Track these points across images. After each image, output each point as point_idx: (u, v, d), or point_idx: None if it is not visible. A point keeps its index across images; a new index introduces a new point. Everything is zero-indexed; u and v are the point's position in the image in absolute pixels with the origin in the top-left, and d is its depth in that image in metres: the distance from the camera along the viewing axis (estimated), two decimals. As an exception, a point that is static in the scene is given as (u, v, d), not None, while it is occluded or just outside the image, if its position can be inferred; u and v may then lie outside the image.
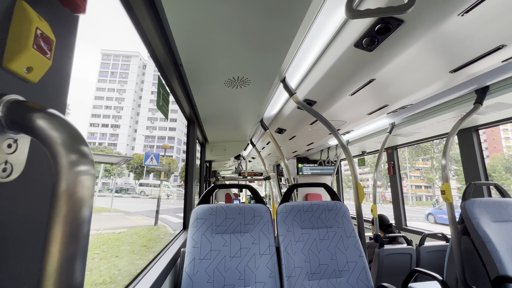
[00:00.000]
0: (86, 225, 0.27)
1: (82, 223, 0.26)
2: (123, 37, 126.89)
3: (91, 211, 0.28)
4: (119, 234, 6.80)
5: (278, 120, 2.42)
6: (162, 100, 1.24)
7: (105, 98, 47.64)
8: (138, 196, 21.82)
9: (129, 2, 0.78)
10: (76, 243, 0.25)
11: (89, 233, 0.28)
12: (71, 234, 0.24)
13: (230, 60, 1.20)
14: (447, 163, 1.58)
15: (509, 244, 1.40)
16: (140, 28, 0.90)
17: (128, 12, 0.82)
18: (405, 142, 3.07)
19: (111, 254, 5.12)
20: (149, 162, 8.00)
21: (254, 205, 1.31)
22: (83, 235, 0.26)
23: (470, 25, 0.98)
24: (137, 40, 11.84)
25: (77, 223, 0.25)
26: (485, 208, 1.51)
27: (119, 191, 24.99)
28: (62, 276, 0.23)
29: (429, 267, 2.02)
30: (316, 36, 1.14)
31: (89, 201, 0.27)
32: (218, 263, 1.13)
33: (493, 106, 1.76)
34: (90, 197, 0.27)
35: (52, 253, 0.23)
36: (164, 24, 0.95)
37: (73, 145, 0.27)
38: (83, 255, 0.26)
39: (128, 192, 25.90)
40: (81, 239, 0.26)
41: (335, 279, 1.16)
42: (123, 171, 34.32)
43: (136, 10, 0.82)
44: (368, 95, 1.69)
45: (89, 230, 0.27)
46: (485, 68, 1.35)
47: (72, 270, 0.24)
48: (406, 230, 3.02)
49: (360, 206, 1.35)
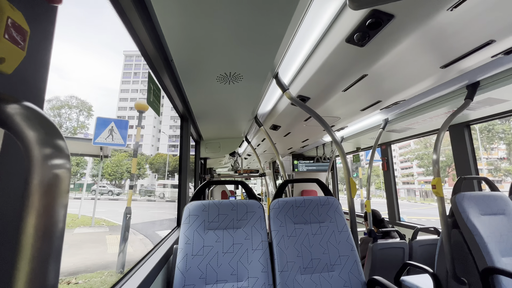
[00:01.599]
0: (61, 223, 0.26)
1: (57, 221, 0.25)
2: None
3: (66, 208, 0.27)
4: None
5: (272, 117, 2.42)
6: (153, 96, 1.22)
7: (129, 99, 48.24)
8: (154, 199, 21.09)
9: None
10: (50, 242, 0.24)
11: (64, 231, 0.27)
12: (44, 233, 0.24)
13: (222, 56, 1.19)
14: (438, 158, 1.60)
15: (497, 237, 1.43)
16: (128, 23, 0.89)
17: (114, 6, 0.80)
18: (399, 138, 3.10)
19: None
20: (104, 139, 4.79)
21: (246, 201, 1.31)
22: (58, 234, 0.25)
23: (459, 20, 0.99)
24: (125, 35, 11.47)
25: (51, 221, 0.24)
26: (474, 201, 1.53)
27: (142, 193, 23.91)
28: (34, 277, 0.22)
29: (421, 260, 2.05)
30: (308, 31, 1.13)
31: (64, 197, 0.27)
32: (210, 259, 1.13)
33: (483, 102, 1.79)
34: (65, 193, 0.27)
35: (24, 253, 0.22)
36: (153, 18, 0.93)
37: (47, 138, 0.26)
38: (57, 255, 0.25)
39: (150, 194, 25.01)
40: (55, 238, 0.25)
41: (327, 273, 1.18)
42: (145, 172, 33.69)
43: (122, 4, 0.80)
44: (361, 91, 1.69)
45: (64, 228, 0.27)
46: (475, 63, 1.36)
47: (46, 271, 0.23)
48: (399, 225, 3.06)
49: (353, 201, 1.36)
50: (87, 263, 4.66)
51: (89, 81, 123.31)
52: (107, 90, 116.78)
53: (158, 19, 0.90)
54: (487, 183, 1.76)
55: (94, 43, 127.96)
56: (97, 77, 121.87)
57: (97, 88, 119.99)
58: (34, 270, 0.22)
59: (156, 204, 18.22)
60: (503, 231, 1.46)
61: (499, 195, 1.60)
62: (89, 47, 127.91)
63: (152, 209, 15.02)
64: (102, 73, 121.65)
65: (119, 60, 38.67)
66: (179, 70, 1.32)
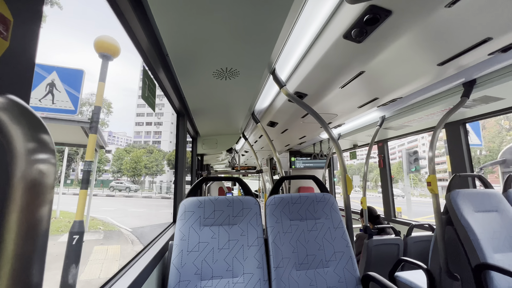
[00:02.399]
0: (45, 220, 0.25)
1: (41, 218, 0.24)
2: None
3: (51, 205, 0.26)
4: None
5: (269, 113, 2.41)
6: (148, 91, 1.21)
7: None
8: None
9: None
10: (34, 240, 0.23)
11: (49, 229, 0.26)
12: (28, 230, 0.23)
13: (218, 51, 1.17)
14: (434, 155, 1.61)
15: (490, 233, 1.45)
16: (122, 16, 0.87)
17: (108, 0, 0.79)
18: (395, 135, 3.11)
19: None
20: (39, 100, 2.92)
21: (242, 197, 1.31)
22: (42, 231, 0.24)
23: (457, 17, 0.98)
24: (119, 29, 10.95)
25: (35, 218, 0.24)
26: (468, 198, 1.55)
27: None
28: (17, 276, 0.21)
29: (416, 256, 2.08)
30: (305, 27, 1.12)
31: (49, 193, 0.26)
32: (206, 255, 1.13)
33: (479, 100, 1.79)
34: (50, 189, 0.26)
35: (7, 251, 0.21)
36: (147, 12, 0.92)
37: (31, 133, 0.25)
38: (42, 254, 0.24)
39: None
40: (39, 235, 0.24)
41: (322, 269, 1.18)
42: (163, 168, 33.15)
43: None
44: (358, 87, 1.69)
45: (48, 227, 0.26)
46: (472, 61, 1.36)
47: (29, 270, 0.22)
48: (394, 222, 3.09)
49: (349, 197, 1.37)
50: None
51: (114, 83, 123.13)
52: (130, 91, 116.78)
53: (153, 12, 0.89)
54: (481, 181, 1.78)
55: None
56: (120, 78, 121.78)
57: (121, 89, 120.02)
58: (16, 269, 0.21)
59: (170, 202, 17.94)
60: (496, 228, 1.48)
61: (492, 193, 1.62)
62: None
63: (166, 207, 13.67)
64: (124, 73, 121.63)
65: (138, 60, 38.40)
66: (175, 65, 1.30)
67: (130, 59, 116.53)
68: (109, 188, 24.97)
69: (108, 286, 0.77)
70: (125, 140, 60.66)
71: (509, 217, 1.53)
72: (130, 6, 0.82)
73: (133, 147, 38.02)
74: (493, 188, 1.70)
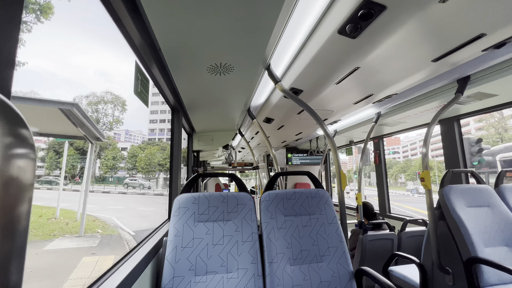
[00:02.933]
0: (24, 218, 0.24)
1: (19, 216, 0.24)
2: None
3: (30, 202, 0.26)
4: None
5: (265, 109, 2.40)
6: (140, 86, 1.19)
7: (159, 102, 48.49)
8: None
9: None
10: (12, 239, 0.23)
11: (28, 228, 0.26)
12: (5, 229, 0.22)
13: (212, 46, 1.16)
14: (428, 151, 1.62)
15: (481, 228, 1.47)
16: (111, 9, 0.85)
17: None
18: (391, 132, 3.13)
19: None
20: None
21: (237, 193, 1.31)
22: (21, 230, 0.24)
23: (451, 13, 0.98)
24: (109, 23, 10.68)
25: (13, 216, 0.23)
26: (461, 194, 1.57)
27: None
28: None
29: (410, 251, 2.11)
30: (299, 22, 1.11)
31: (28, 190, 0.25)
32: (200, 251, 1.13)
33: (473, 96, 1.80)
34: (29, 186, 0.25)
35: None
36: (139, 6, 0.90)
37: (9, 127, 0.24)
38: (21, 253, 0.24)
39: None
40: (18, 234, 0.23)
41: (316, 264, 1.20)
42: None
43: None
44: (354, 84, 1.69)
45: (27, 225, 0.25)
46: (466, 57, 1.36)
47: (7, 270, 0.22)
48: (389, 217, 3.13)
49: (343, 193, 1.38)
50: None
51: (131, 84, 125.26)
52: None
53: (144, 7, 0.87)
54: (473, 176, 1.80)
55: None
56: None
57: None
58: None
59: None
60: (487, 223, 1.50)
61: (484, 188, 1.64)
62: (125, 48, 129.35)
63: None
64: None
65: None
66: (168, 60, 1.28)
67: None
68: (123, 185, 24.87)
69: (100, 282, 0.77)
70: (141, 138, 61.07)
71: (500, 212, 1.55)
72: (121, 1, 0.80)
73: (147, 144, 37.89)
74: (485, 184, 1.72)
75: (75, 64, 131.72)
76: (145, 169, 31.08)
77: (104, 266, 4.40)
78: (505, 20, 1.03)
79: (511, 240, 1.47)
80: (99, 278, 0.80)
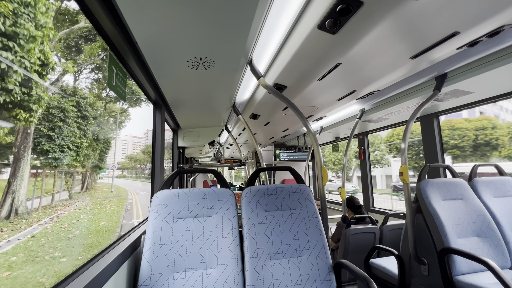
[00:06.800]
0: None
1: None
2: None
3: None
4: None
5: (251, 105, 2.39)
6: (116, 79, 1.15)
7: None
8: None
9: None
10: None
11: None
12: None
13: (189, 38, 1.13)
14: (406, 146, 1.67)
15: (455, 220, 1.54)
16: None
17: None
18: (375, 128, 3.20)
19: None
20: None
21: (218, 189, 1.30)
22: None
23: (425, 10, 1.00)
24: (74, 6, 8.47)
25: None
26: (436, 187, 1.63)
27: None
28: None
29: (391, 244, 2.17)
30: (279, 15, 1.10)
31: None
32: (179, 248, 1.12)
33: (451, 93, 1.87)
34: None
35: None
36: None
37: None
38: None
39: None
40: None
41: (296, 258, 1.21)
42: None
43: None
44: (337, 80, 1.70)
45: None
46: (443, 55, 1.40)
47: None
48: (373, 211, 3.22)
49: (323, 188, 1.39)
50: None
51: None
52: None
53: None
54: (449, 171, 1.88)
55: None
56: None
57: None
58: None
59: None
60: (461, 215, 1.57)
61: (459, 182, 1.71)
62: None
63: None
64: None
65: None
66: (145, 53, 1.24)
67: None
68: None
69: (71, 280, 0.74)
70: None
71: (473, 205, 1.63)
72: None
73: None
74: (460, 178, 1.79)
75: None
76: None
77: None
78: (477, 19, 1.06)
79: (482, 231, 1.55)
80: (69, 276, 0.78)
